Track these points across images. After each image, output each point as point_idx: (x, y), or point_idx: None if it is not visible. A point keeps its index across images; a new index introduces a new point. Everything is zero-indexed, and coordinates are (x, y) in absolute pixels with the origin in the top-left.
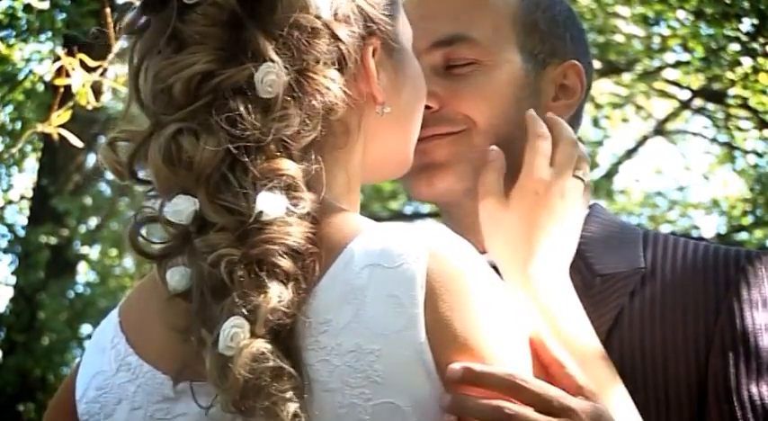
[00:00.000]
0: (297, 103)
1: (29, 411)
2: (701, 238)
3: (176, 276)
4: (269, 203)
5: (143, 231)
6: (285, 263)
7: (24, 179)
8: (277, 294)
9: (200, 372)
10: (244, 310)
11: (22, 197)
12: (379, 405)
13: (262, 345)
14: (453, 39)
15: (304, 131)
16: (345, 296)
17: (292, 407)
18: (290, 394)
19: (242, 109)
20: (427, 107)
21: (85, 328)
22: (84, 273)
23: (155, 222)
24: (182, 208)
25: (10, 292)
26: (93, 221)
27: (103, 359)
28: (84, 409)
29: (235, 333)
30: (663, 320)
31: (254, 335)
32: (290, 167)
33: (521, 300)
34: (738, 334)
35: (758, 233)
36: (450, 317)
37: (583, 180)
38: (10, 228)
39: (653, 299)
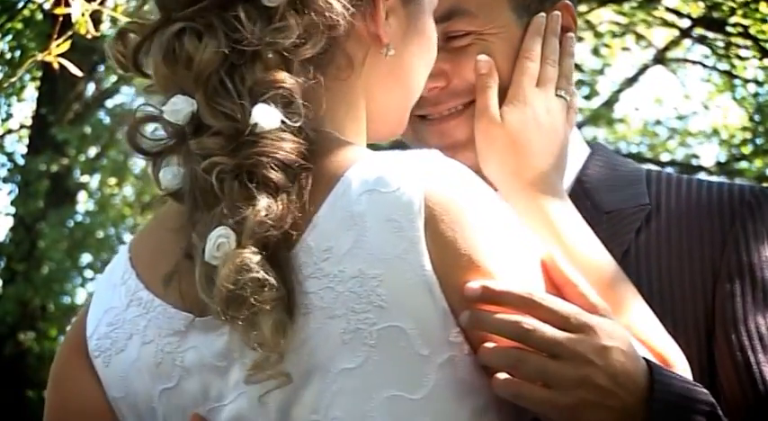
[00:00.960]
0: (298, 16)
1: (29, 340)
2: (700, 168)
3: (169, 175)
4: (264, 115)
5: (141, 129)
6: (276, 175)
7: (24, 108)
8: (265, 206)
9: (206, 304)
10: (231, 221)
11: (22, 126)
12: (385, 329)
13: (246, 257)
14: (450, 14)
15: (303, 45)
16: (345, 223)
17: (273, 318)
18: (272, 305)
19: (243, 15)
20: (436, 87)
21: (85, 257)
22: (83, 202)
23: (153, 120)
24: (179, 108)
25: (9, 222)
26: (93, 150)
27: (114, 295)
28: (96, 345)
29: (221, 243)
30: (669, 254)
31: (239, 245)
32: (286, 80)
33: (525, 219)
34: (744, 266)
35: (758, 162)
36: (453, 238)
37: (566, 99)
38: (9, 156)
39: (659, 234)
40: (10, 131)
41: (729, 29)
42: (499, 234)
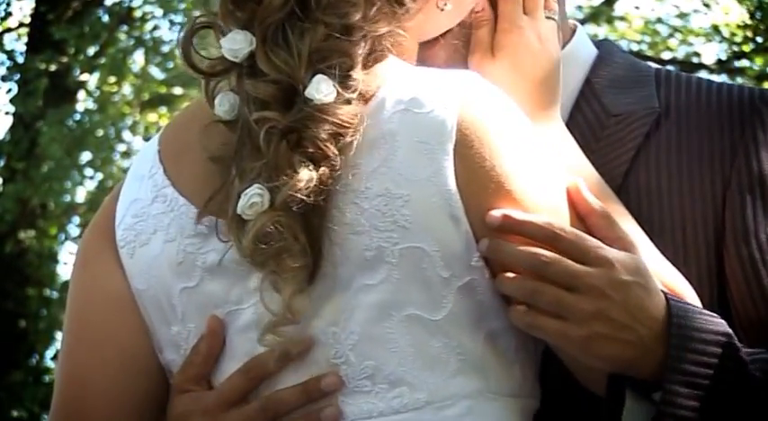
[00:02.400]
0: None
1: (29, 238)
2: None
3: (225, 105)
4: (321, 87)
5: (196, 41)
6: (324, 146)
7: (23, 6)
8: (306, 178)
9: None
10: (269, 182)
11: (21, 24)
12: (407, 249)
13: (277, 220)
14: None
15: (373, 21)
16: (375, 141)
17: (293, 287)
18: (294, 274)
19: None
20: None
21: (85, 156)
22: (82, 101)
23: (209, 27)
24: (239, 45)
25: (9, 120)
26: (92, 49)
27: (141, 187)
28: (122, 235)
29: (254, 202)
30: (679, 162)
31: (272, 208)
32: (349, 50)
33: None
34: (755, 176)
35: (758, 60)
36: (482, 164)
37: (554, 19)
38: (9, 55)
39: (669, 141)
40: (9, 30)
41: None
42: (528, 162)
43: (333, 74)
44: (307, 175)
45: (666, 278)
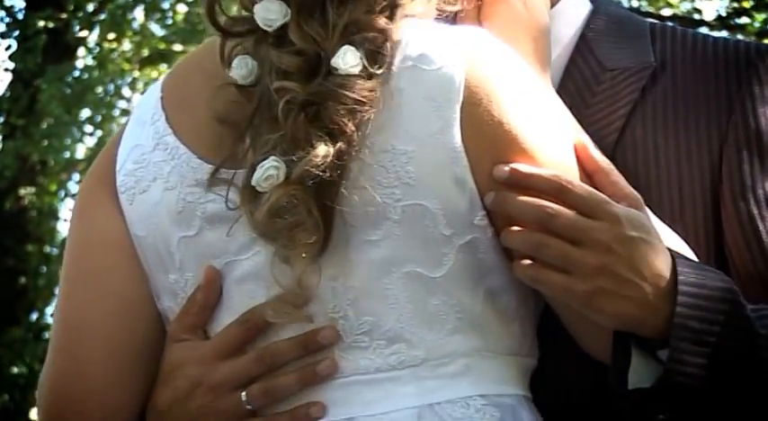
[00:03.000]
0: None
1: (29, 194)
2: (702, 22)
3: (243, 70)
4: (347, 58)
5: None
6: (343, 121)
7: None
8: (322, 154)
9: (232, 162)
10: (285, 155)
11: None
12: (409, 206)
13: (292, 194)
14: None
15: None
16: (382, 96)
17: (305, 262)
18: (306, 249)
19: None
20: None
21: (84, 113)
22: (82, 58)
23: None
24: (273, 17)
25: (8, 77)
26: (91, 5)
27: (143, 133)
28: (122, 181)
29: (269, 175)
30: (676, 118)
31: (288, 181)
32: (384, 27)
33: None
34: (752, 131)
35: (759, 17)
36: (489, 122)
37: None
38: (8, 11)
39: (665, 96)
40: None
41: None
42: (536, 120)
43: (362, 47)
44: (323, 151)
45: (668, 238)
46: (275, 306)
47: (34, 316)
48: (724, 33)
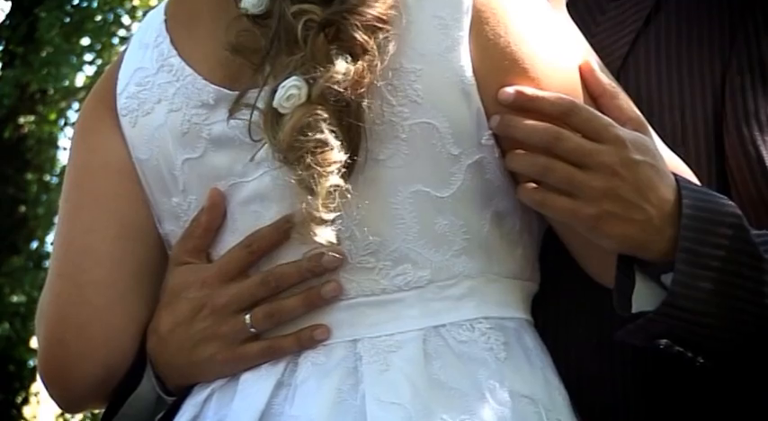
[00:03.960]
0: None
1: (28, 123)
2: None
3: None
4: None
5: None
6: (362, 37)
7: None
8: (343, 71)
9: (240, 83)
10: (307, 75)
11: None
12: (417, 124)
13: (314, 114)
14: None
15: None
16: (390, 15)
17: (330, 181)
18: (331, 168)
19: None
20: None
21: (83, 41)
22: None
23: None
24: None
25: (7, 5)
26: None
27: (146, 56)
28: (124, 104)
29: (291, 94)
30: (679, 45)
31: (310, 101)
32: None
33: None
34: (755, 57)
35: None
36: (497, 41)
37: None
38: None
39: (668, 24)
40: None
41: None
42: (543, 42)
43: None
44: (344, 68)
45: (672, 163)
46: (302, 231)
47: (34, 245)
48: None
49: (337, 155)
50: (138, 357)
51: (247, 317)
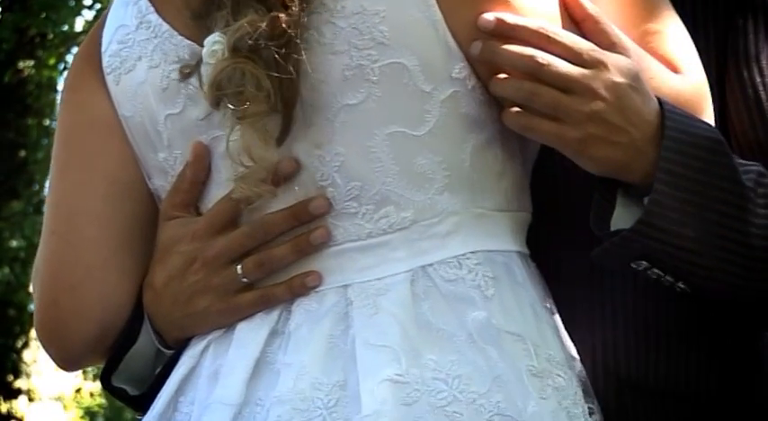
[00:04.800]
0: None
1: (28, 67)
2: None
3: None
4: None
5: None
6: None
7: None
8: (255, 22)
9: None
10: (226, 29)
11: None
12: (387, 66)
13: (235, 67)
14: None
15: None
16: None
17: (257, 133)
18: (256, 119)
19: None
20: None
21: None
22: None
23: None
24: None
25: None
26: None
27: (126, 13)
28: (108, 62)
29: (214, 50)
30: None
31: (232, 52)
32: None
33: None
34: (758, 2)
35: None
36: None
37: None
38: None
39: None
40: None
41: None
42: None
43: None
44: (255, 19)
45: (676, 56)
46: (239, 184)
47: (34, 189)
48: None
49: (262, 107)
50: (135, 312)
51: (238, 267)
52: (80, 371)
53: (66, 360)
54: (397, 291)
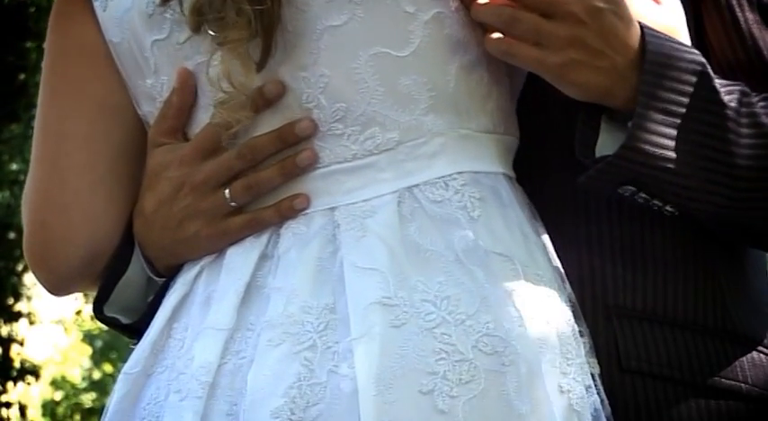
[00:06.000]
0: None
1: None
2: None
3: None
4: None
5: None
6: None
7: None
8: None
9: None
10: None
11: None
12: None
13: None
14: None
15: None
16: None
17: (239, 59)
18: (237, 45)
19: None
20: None
21: None
22: None
23: None
24: None
25: None
26: None
27: None
28: None
29: None
30: None
31: None
32: None
33: None
34: None
35: None
36: None
37: None
38: None
39: None
40: None
41: None
42: None
43: None
44: None
45: (647, 9)
46: (218, 109)
47: (33, 112)
48: None
49: (243, 32)
50: (125, 241)
51: (227, 191)
52: (81, 294)
53: (55, 284)
54: (383, 212)
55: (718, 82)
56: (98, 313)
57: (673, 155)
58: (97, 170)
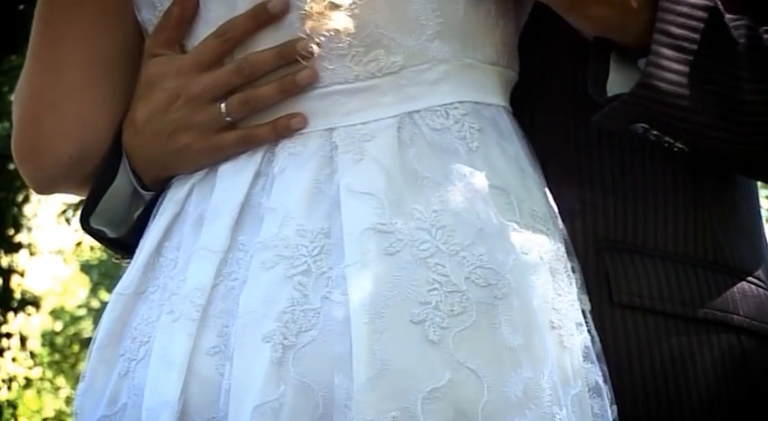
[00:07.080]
0: None
1: None
2: None
3: None
4: None
5: None
6: None
7: None
8: None
9: None
10: None
11: None
12: None
13: None
14: None
15: None
16: None
17: None
18: None
19: None
20: None
21: None
22: None
23: None
24: None
25: None
26: None
27: None
28: None
29: None
30: None
31: None
32: None
33: None
34: None
35: None
36: None
37: None
38: None
39: None
40: None
41: None
42: None
43: None
44: None
45: None
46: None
47: None
48: None
49: None
50: (114, 151)
51: (223, 105)
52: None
53: (40, 181)
54: (383, 136)
55: (728, 17)
56: (85, 224)
57: (686, 92)
58: (92, 68)
